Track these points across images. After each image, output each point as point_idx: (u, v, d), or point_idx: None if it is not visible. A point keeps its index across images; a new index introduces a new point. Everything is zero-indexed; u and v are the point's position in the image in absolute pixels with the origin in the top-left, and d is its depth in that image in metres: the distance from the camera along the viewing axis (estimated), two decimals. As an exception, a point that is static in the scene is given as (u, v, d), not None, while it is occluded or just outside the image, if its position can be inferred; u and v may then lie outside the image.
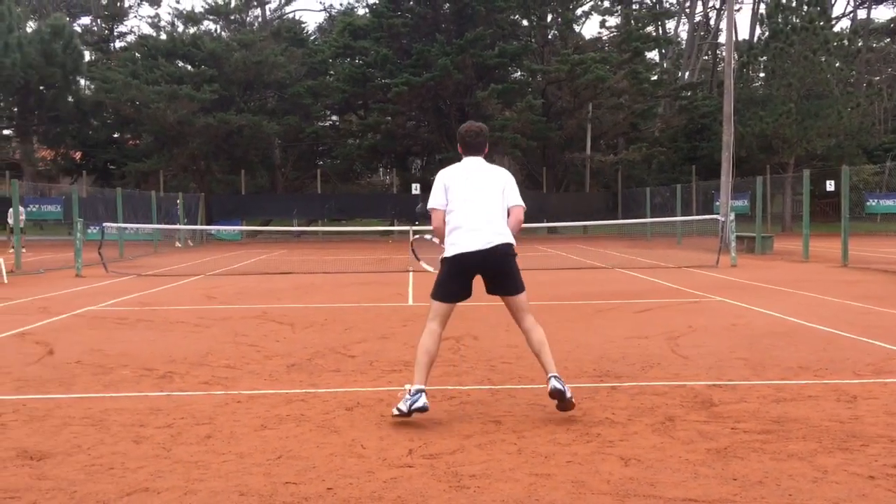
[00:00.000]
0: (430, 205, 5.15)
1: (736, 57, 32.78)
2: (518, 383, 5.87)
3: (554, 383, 4.79)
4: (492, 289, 5.13)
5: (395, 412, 4.73)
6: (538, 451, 4.21)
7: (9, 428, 4.78)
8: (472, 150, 5.21)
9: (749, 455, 4.11)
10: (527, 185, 43.72)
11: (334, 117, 48.09)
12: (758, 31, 46.71)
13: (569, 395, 4.79)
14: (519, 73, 45.40)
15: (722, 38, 50.89)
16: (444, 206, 5.07)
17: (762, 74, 40.39)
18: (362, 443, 4.40)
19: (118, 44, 53.11)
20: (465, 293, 5.08)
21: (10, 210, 19.10)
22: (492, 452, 4.21)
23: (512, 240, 5.04)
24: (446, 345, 7.47)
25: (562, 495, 3.57)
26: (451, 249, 5.00)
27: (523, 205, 5.18)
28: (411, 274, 15.71)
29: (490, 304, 10.65)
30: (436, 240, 5.46)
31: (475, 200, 4.99)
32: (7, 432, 4.68)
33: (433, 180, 5.24)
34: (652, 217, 30.97)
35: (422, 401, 4.68)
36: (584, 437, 4.45)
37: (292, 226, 37.17)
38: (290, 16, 58.12)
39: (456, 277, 5.02)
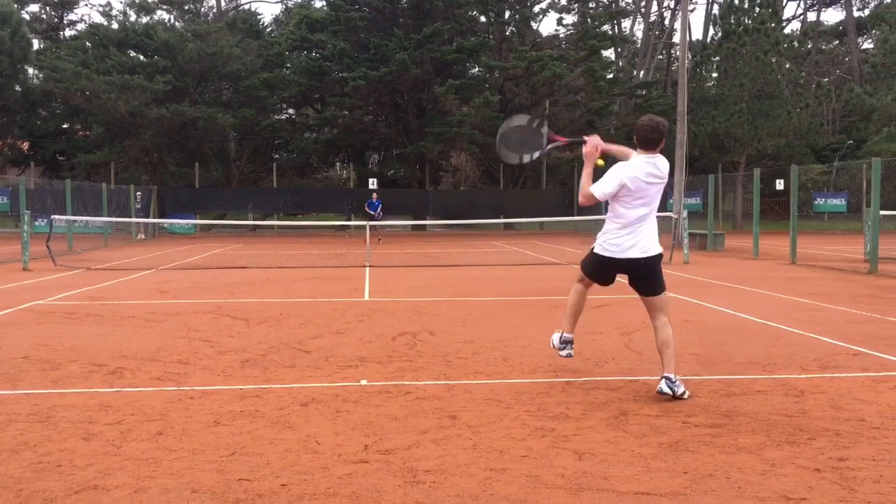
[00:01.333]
0: (601, 188, 5.32)
1: (690, 57, 33.28)
2: (474, 378, 5.88)
3: (661, 384, 5.17)
4: (640, 286, 5.42)
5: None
6: (493, 446, 4.23)
7: (-48, 425, 4.64)
8: (650, 146, 5.28)
9: (700, 448, 4.18)
10: (483, 181, 43.88)
11: (290, 111, 47.66)
12: (711, 31, 47.49)
13: (678, 393, 5.15)
14: (476, 69, 45.49)
15: (676, 38, 51.61)
16: (606, 198, 5.36)
17: (715, 74, 41.01)
18: (317, 438, 4.37)
19: (68, 32, 51.95)
20: (610, 281, 5.60)
21: None
22: (447, 448, 4.21)
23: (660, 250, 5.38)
24: (402, 340, 7.47)
25: (516, 490, 3.59)
26: (608, 251, 5.34)
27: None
28: (368, 269, 15.66)
29: (446, 300, 10.69)
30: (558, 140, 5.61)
31: (648, 210, 5.30)
32: (-50, 430, 4.56)
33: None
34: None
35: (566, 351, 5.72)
36: (538, 432, 4.48)
37: (247, 220, 36.75)
38: (246, 7, 57.40)
39: (606, 272, 5.50)
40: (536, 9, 45.85)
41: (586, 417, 4.79)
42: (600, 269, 5.49)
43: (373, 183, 36.90)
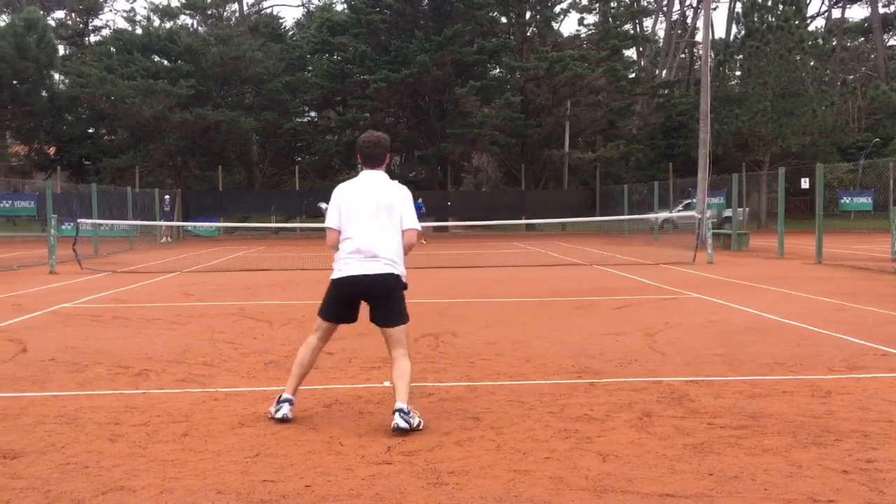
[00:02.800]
0: (326, 223, 4.95)
1: (712, 55, 33.03)
2: (497, 380, 5.87)
3: (396, 419, 4.51)
4: (373, 317, 4.87)
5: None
6: (517, 448, 4.22)
7: (-19, 427, 4.71)
8: (371, 163, 4.95)
9: (725, 450, 4.14)
10: (505, 181, 43.81)
11: (312, 113, 47.87)
12: (734, 29, 47.14)
13: (413, 425, 4.53)
14: (497, 70, 45.45)
15: (699, 37, 51.29)
16: (338, 226, 4.86)
17: (738, 73, 40.67)
18: (340, 440, 4.39)
19: (93, 38, 52.49)
20: (350, 317, 4.94)
21: None
22: (470, 449, 4.21)
23: (400, 270, 4.82)
24: (425, 342, 7.48)
25: (540, 491, 3.58)
26: (337, 272, 4.84)
27: (418, 227, 4.93)
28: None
29: (468, 302, 10.68)
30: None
31: (366, 224, 4.79)
32: (-21, 431, 4.62)
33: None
34: (629, 214, 31.13)
35: (282, 411, 4.77)
36: (562, 434, 4.47)
37: (270, 222, 36.96)
38: (268, 11, 57.68)
39: (341, 302, 4.88)
40: (557, 9, 45.73)
41: (610, 419, 4.77)
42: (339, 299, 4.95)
43: (394, 185, 36.88)
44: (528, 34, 44.63)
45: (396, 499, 3.51)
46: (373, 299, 4.81)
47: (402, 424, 4.49)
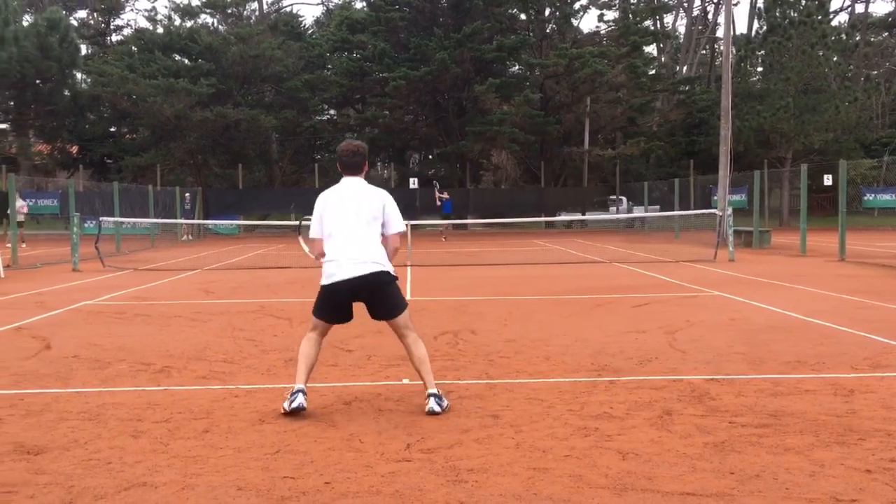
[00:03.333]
0: (310, 234, 5.10)
1: (734, 51, 32.75)
2: (516, 377, 5.87)
3: (431, 403, 4.83)
4: (372, 314, 5.06)
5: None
6: (536, 446, 4.21)
7: (6, 423, 4.77)
8: (350, 170, 5.11)
9: (746, 449, 4.11)
10: (525, 179, 43.73)
11: (332, 111, 47.99)
12: (755, 25, 46.76)
13: (444, 407, 4.87)
14: (517, 68, 45.35)
15: (720, 33, 50.92)
16: (320, 236, 5.02)
17: (760, 69, 40.31)
18: (360, 437, 4.40)
19: (115, 37, 52.89)
20: (344, 317, 5.09)
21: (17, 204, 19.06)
22: (490, 447, 4.21)
23: (387, 266, 4.95)
24: (444, 339, 7.48)
25: (560, 489, 3.58)
26: (325, 279, 4.96)
27: (403, 229, 5.12)
28: (409, 268, 15.70)
29: (487, 299, 10.67)
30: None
31: (348, 228, 4.92)
32: (4, 427, 4.68)
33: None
34: (649, 212, 30.98)
35: (297, 400, 4.81)
36: (582, 432, 4.46)
37: (290, 220, 37.11)
38: (288, 9, 57.89)
39: (332, 305, 5.01)
40: (577, 5, 45.57)
41: (630, 417, 4.75)
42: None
43: (413, 182, 37.01)
44: (548, 31, 44.49)
45: (416, 496, 3.52)
46: (366, 299, 4.95)
47: (437, 409, 4.81)
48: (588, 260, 18.12)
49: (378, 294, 4.93)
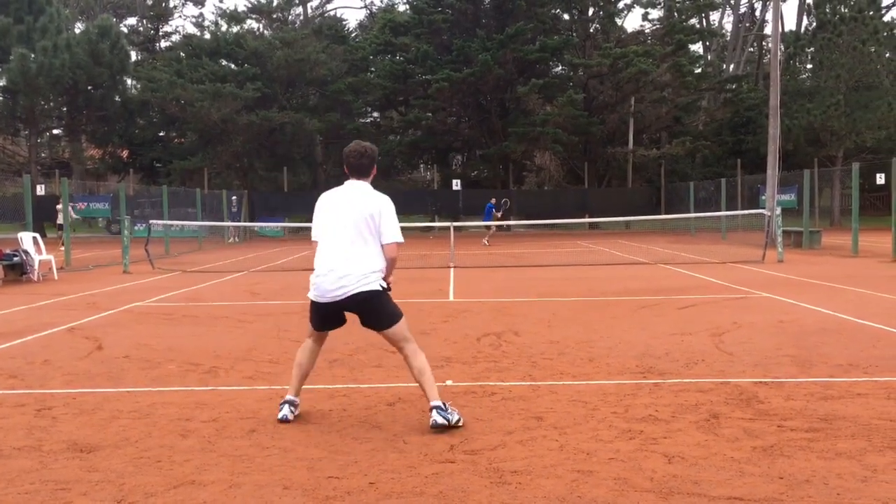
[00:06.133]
0: (312, 236, 4.91)
1: (782, 48, 32.19)
2: (559, 379, 5.84)
3: (434, 416, 4.53)
4: (363, 323, 4.85)
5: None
6: (580, 448, 4.18)
7: (59, 421, 4.89)
8: (356, 173, 4.89)
9: (796, 453, 4.04)
10: (568, 180, 43.45)
11: (375, 114, 48.27)
12: (805, 21, 45.80)
13: (452, 421, 4.55)
14: (560, 68, 45.09)
15: (768, 30, 50.01)
16: (318, 239, 4.83)
17: (809, 66, 39.54)
18: (404, 438, 4.42)
19: (163, 44, 53.91)
20: (335, 325, 4.92)
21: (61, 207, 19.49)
22: (533, 449, 4.19)
23: (372, 283, 4.65)
24: (487, 341, 7.47)
25: (604, 492, 3.55)
26: (312, 291, 4.77)
27: (400, 240, 4.77)
28: (452, 270, 15.72)
29: (531, 301, 10.63)
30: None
31: (336, 238, 4.71)
32: (58, 425, 4.80)
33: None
34: (696, 212, 30.56)
35: (283, 412, 4.79)
36: (626, 434, 4.42)
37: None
38: (332, 13, 58.25)
39: (320, 316, 4.85)
40: (621, 4, 45.18)
41: (676, 420, 4.69)
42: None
43: (456, 184, 37.04)
44: (591, 31, 44.16)
45: (459, 497, 3.52)
46: (353, 311, 4.78)
47: (441, 420, 4.51)
48: (632, 261, 17.94)
49: (364, 308, 4.71)
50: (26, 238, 14.75)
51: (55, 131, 45.41)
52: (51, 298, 11.62)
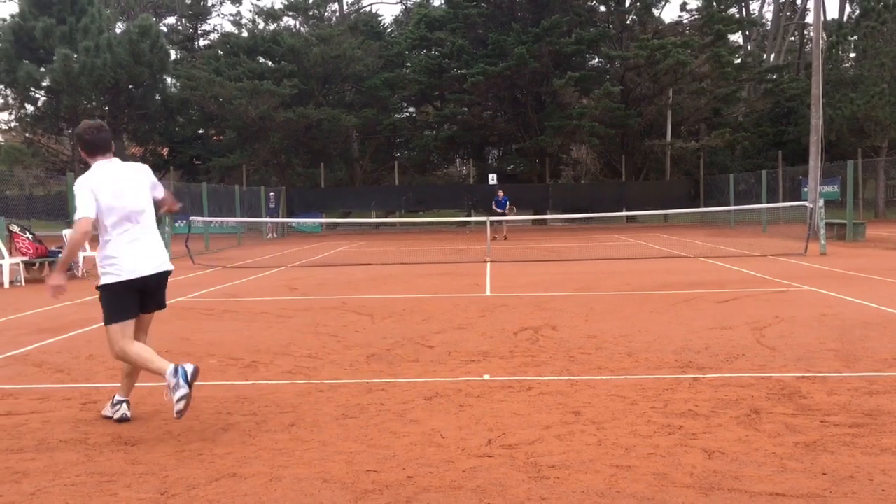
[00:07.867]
0: (79, 214, 4.50)
1: (824, 37, 31.57)
2: (598, 374, 5.81)
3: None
4: (144, 306, 4.94)
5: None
6: (618, 443, 4.16)
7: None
8: (101, 150, 4.68)
9: (840, 449, 3.97)
10: (605, 173, 43.11)
11: (411, 109, 48.36)
12: (847, 9, 44.93)
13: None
14: (596, 60, 44.71)
15: (809, 18, 49.12)
16: (93, 215, 4.53)
17: (853, 55, 38.70)
18: (441, 432, 4.43)
19: (202, 42, 54.57)
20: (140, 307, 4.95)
21: None
22: (571, 443, 4.18)
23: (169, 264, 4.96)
24: (524, 335, 7.45)
25: (643, 487, 3.53)
26: (121, 272, 4.70)
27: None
28: (489, 264, 15.70)
29: (568, 295, 10.59)
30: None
31: (137, 212, 4.71)
32: (103, 419, 4.90)
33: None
34: (735, 204, 30.14)
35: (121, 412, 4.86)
36: (665, 429, 4.38)
37: (371, 217, 37.59)
38: (367, 9, 58.54)
39: (132, 296, 4.83)
40: (658, -5, 44.60)
41: (716, 415, 4.64)
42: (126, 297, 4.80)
43: (492, 178, 36.96)
44: (628, 22, 43.71)
45: (497, 491, 3.52)
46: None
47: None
48: (671, 255, 17.76)
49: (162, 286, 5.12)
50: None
51: (97, 130, 46.06)
52: (95, 294, 11.82)
